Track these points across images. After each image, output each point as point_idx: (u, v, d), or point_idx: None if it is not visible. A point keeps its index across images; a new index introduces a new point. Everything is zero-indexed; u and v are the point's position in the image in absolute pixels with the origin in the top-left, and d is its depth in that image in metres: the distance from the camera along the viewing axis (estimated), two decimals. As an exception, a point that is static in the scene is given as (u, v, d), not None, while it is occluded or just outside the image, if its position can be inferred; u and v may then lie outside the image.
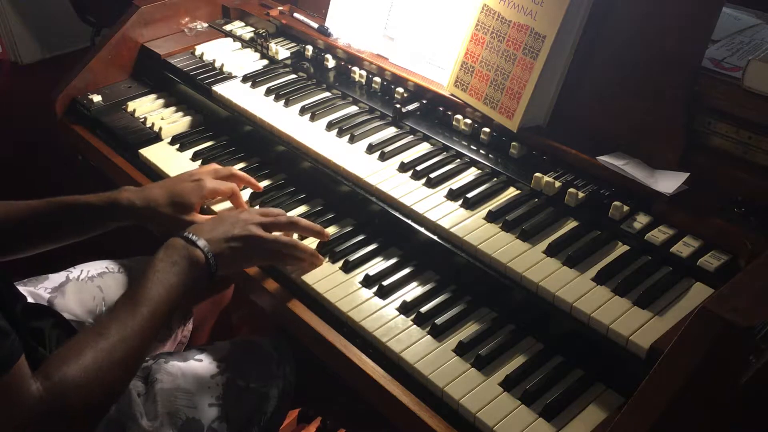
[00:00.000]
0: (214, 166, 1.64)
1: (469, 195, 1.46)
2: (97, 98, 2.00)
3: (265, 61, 2.03)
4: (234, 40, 2.15)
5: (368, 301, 1.36)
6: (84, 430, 1.17)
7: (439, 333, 1.28)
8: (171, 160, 1.79)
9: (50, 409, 1.07)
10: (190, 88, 1.98)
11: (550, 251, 1.33)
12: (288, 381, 1.51)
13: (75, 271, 1.64)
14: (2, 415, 1.04)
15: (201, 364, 1.46)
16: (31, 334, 1.31)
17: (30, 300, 1.52)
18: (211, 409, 1.40)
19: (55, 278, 1.61)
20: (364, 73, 1.86)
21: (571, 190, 1.41)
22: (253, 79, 1.92)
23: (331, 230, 1.55)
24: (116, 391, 1.20)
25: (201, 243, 1.33)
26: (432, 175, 1.53)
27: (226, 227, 1.38)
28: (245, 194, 1.66)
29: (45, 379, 1.08)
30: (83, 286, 1.60)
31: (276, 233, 1.43)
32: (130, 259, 1.72)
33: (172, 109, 2.01)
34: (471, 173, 1.56)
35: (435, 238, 1.42)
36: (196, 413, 1.38)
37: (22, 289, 1.54)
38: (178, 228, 1.41)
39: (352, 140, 1.67)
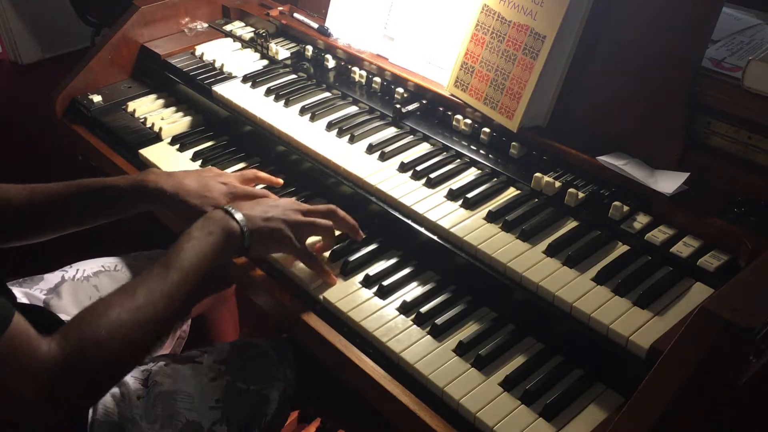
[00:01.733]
0: (241, 173, 1.61)
1: (469, 195, 1.46)
2: (97, 98, 2.00)
3: (265, 61, 2.03)
4: (234, 40, 2.15)
5: (368, 302, 1.36)
6: (104, 388, 1.16)
7: (439, 333, 1.28)
8: (171, 160, 1.79)
9: (67, 367, 1.04)
10: (190, 88, 1.98)
11: (550, 251, 1.33)
12: (288, 383, 1.51)
13: (70, 271, 1.63)
14: (12, 378, 1.01)
15: (201, 366, 1.46)
16: None
17: (25, 301, 1.52)
18: (212, 412, 1.40)
19: (50, 278, 1.61)
20: (364, 73, 1.86)
21: (571, 190, 1.41)
22: (253, 79, 1.92)
23: (331, 230, 1.55)
24: (139, 352, 1.18)
25: (239, 216, 1.33)
26: (432, 175, 1.53)
27: (265, 207, 1.39)
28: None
29: (63, 339, 1.06)
30: (79, 285, 1.60)
31: (312, 219, 1.42)
32: (125, 256, 1.72)
33: (172, 109, 2.02)
34: (471, 173, 1.56)
35: (435, 238, 1.42)
36: (196, 416, 1.38)
37: (17, 290, 1.53)
38: (193, 218, 1.39)
39: (352, 140, 1.67)
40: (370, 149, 1.63)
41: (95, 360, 1.08)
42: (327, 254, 1.46)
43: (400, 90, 1.77)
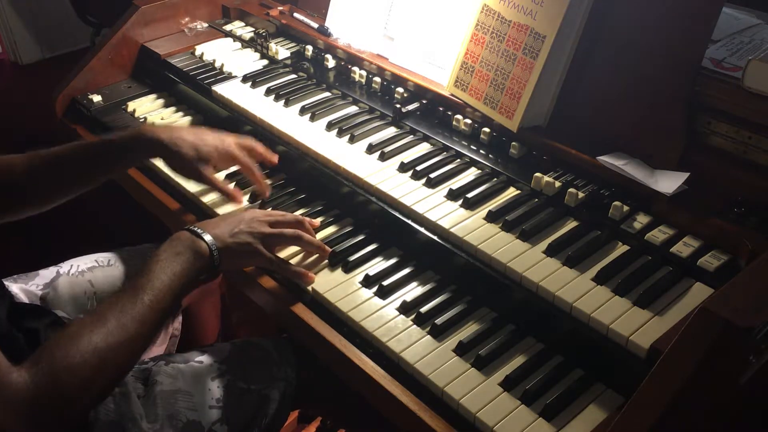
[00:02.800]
0: (241, 140, 1.64)
1: (469, 195, 1.46)
2: (97, 98, 2.00)
3: (265, 61, 2.03)
4: (234, 40, 2.15)
5: (368, 301, 1.36)
6: (85, 410, 1.16)
7: (439, 333, 1.28)
8: (171, 160, 1.79)
9: (40, 395, 1.05)
10: (190, 88, 1.98)
11: (550, 251, 1.33)
12: (289, 383, 1.51)
13: (65, 266, 1.64)
14: None
15: (201, 365, 1.46)
16: (26, 335, 1.31)
17: (23, 298, 1.52)
18: (212, 411, 1.39)
19: (46, 274, 1.61)
20: (364, 73, 1.86)
21: (571, 190, 1.41)
22: (253, 79, 1.92)
23: (331, 230, 1.55)
24: (112, 377, 1.18)
25: (207, 237, 1.34)
26: (432, 175, 1.53)
27: (232, 224, 1.40)
28: (244, 195, 1.66)
29: (35, 367, 1.06)
30: (74, 280, 1.60)
31: (280, 229, 1.44)
32: (119, 250, 1.72)
33: (172, 109, 2.02)
34: (471, 173, 1.56)
35: (435, 238, 1.42)
36: (196, 415, 1.38)
37: (14, 286, 1.54)
38: (191, 174, 1.54)
39: (352, 140, 1.67)
40: (370, 149, 1.63)
41: (68, 386, 1.08)
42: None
43: (400, 90, 1.77)
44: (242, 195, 1.62)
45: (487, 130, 1.61)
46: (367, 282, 1.40)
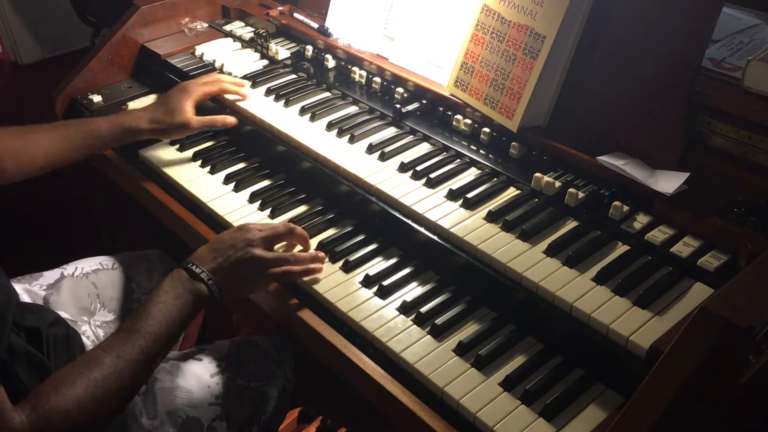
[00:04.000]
0: (202, 78, 1.84)
1: (469, 195, 1.46)
2: (97, 98, 2.00)
3: (265, 61, 2.03)
4: (234, 40, 2.15)
5: (368, 301, 1.36)
6: None
7: (439, 333, 1.28)
8: (171, 161, 1.79)
9: None
10: (190, 88, 1.98)
11: (550, 251, 1.33)
12: (288, 380, 1.51)
13: (69, 268, 1.64)
14: None
15: (201, 363, 1.47)
16: (27, 333, 1.31)
17: (26, 298, 1.53)
18: (211, 408, 1.40)
19: (50, 275, 1.61)
20: (364, 73, 1.86)
21: (571, 190, 1.41)
22: (253, 79, 1.92)
23: (331, 230, 1.55)
24: (108, 419, 1.19)
25: (204, 276, 1.30)
26: (432, 175, 1.53)
27: (227, 252, 1.34)
28: (243, 196, 1.66)
29: (32, 411, 1.08)
30: (78, 283, 1.61)
31: (277, 252, 1.40)
32: (123, 254, 1.73)
33: (172, 109, 2.01)
34: (471, 173, 1.56)
35: (435, 238, 1.42)
36: (195, 412, 1.38)
37: (17, 286, 1.54)
38: (179, 131, 1.73)
39: (352, 140, 1.67)
40: (370, 149, 1.63)
41: (63, 430, 1.10)
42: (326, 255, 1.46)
43: (400, 90, 1.77)
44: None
45: (487, 130, 1.61)
46: (367, 282, 1.40)
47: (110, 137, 1.70)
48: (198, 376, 1.43)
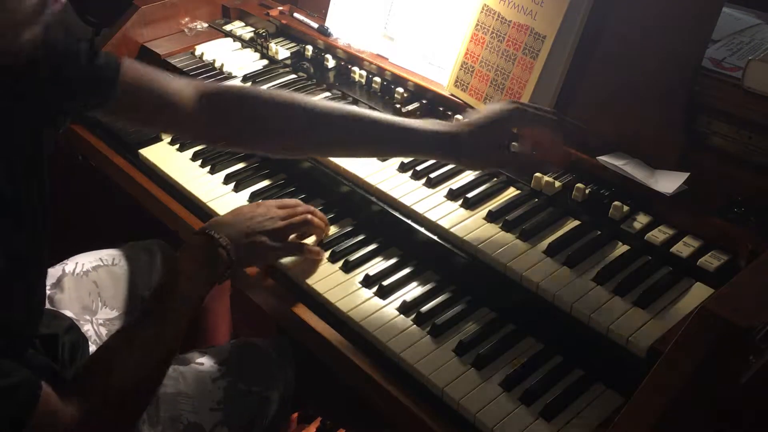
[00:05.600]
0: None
1: (469, 195, 1.46)
2: (97, 98, 2.00)
3: (265, 61, 2.03)
4: (234, 40, 2.15)
5: (368, 301, 1.36)
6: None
7: (439, 333, 1.28)
8: (171, 161, 1.79)
9: (90, 428, 1.08)
10: (190, 88, 1.98)
11: (550, 251, 1.33)
12: (289, 384, 1.51)
13: (70, 264, 1.64)
14: None
15: (202, 367, 1.46)
16: (43, 340, 1.31)
17: None
18: (213, 414, 1.39)
19: (52, 272, 1.61)
20: (364, 73, 1.86)
21: (578, 185, 1.41)
22: (253, 79, 1.92)
23: (331, 230, 1.55)
24: (150, 396, 1.23)
25: (223, 241, 1.33)
26: (432, 175, 1.53)
27: (246, 222, 1.38)
28: (243, 196, 1.66)
29: (80, 400, 1.09)
30: (79, 281, 1.60)
31: (289, 242, 1.45)
32: (123, 247, 1.72)
33: (172, 109, 2.01)
34: (471, 173, 1.56)
35: (435, 238, 1.42)
36: (197, 417, 1.38)
37: None
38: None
39: (352, 140, 1.67)
40: (370, 149, 1.63)
41: (115, 416, 1.13)
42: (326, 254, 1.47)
43: (400, 90, 1.77)
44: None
45: (487, 130, 1.61)
46: (367, 282, 1.40)
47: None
48: (199, 381, 1.43)
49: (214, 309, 1.95)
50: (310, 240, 1.49)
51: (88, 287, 1.61)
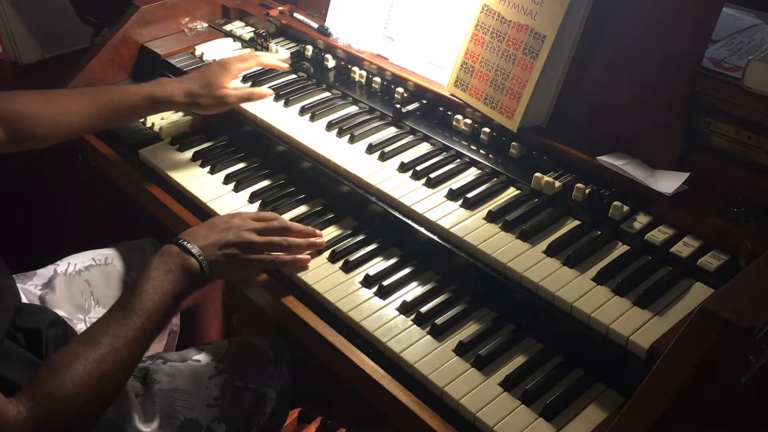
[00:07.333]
0: (240, 56, 1.81)
1: (469, 195, 1.46)
2: (97, 98, 2.00)
3: (265, 61, 2.02)
4: (234, 40, 2.15)
5: (368, 301, 1.36)
6: None
7: (439, 333, 1.28)
8: (171, 161, 1.79)
9: (39, 427, 1.06)
10: (190, 88, 1.97)
11: (550, 251, 1.33)
12: (285, 382, 1.51)
13: (62, 265, 1.64)
14: None
15: (199, 364, 1.46)
16: (26, 335, 1.31)
17: (23, 298, 1.52)
18: (210, 410, 1.40)
19: (43, 273, 1.61)
20: (364, 73, 1.86)
21: (578, 185, 1.41)
22: (253, 79, 1.92)
23: (331, 230, 1.55)
24: (107, 400, 1.20)
25: (195, 251, 1.32)
26: (432, 175, 1.53)
27: (220, 234, 1.37)
28: (243, 195, 1.66)
29: (29, 399, 1.07)
30: (71, 280, 1.60)
31: (269, 237, 1.41)
32: (116, 246, 1.72)
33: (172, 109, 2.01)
34: (471, 173, 1.56)
35: (435, 238, 1.42)
36: (194, 414, 1.38)
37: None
38: (216, 107, 1.72)
39: (352, 140, 1.67)
40: (370, 149, 1.63)
41: (66, 416, 1.10)
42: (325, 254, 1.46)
43: (400, 90, 1.77)
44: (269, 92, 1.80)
45: (487, 130, 1.61)
46: (367, 282, 1.40)
47: (142, 106, 1.68)
48: (196, 377, 1.43)
49: (205, 308, 1.96)
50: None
51: (81, 287, 1.61)
